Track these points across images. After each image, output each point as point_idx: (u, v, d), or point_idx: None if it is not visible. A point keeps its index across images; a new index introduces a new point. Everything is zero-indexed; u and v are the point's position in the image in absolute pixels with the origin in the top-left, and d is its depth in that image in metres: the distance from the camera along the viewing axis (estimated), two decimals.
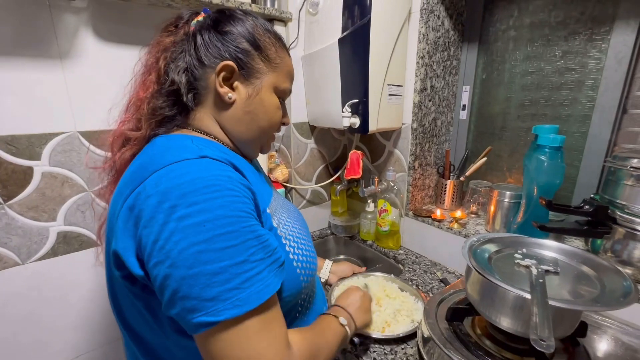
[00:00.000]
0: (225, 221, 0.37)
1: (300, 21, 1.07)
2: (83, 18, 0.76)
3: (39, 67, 0.73)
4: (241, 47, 0.50)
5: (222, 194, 0.38)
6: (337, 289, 0.86)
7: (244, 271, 0.37)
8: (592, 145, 0.86)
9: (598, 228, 0.71)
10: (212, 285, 0.35)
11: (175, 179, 0.37)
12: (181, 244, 0.35)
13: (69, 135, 0.79)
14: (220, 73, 0.49)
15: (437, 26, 1.00)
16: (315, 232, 1.32)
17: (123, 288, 0.43)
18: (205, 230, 0.35)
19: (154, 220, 0.36)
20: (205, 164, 0.40)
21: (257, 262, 0.38)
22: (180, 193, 0.36)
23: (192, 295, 0.35)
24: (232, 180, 0.40)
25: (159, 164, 0.39)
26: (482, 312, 0.56)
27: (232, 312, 0.35)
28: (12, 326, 0.80)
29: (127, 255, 0.39)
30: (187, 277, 0.35)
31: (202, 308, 0.35)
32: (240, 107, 0.51)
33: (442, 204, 1.14)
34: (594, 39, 0.83)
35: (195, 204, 0.36)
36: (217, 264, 0.35)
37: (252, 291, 0.37)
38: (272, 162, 1.19)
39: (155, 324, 0.44)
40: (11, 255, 0.77)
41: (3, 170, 0.73)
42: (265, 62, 0.52)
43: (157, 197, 0.36)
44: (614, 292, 0.47)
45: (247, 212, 0.39)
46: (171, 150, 0.42)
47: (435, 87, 1.07)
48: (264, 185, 0.56)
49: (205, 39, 0.49)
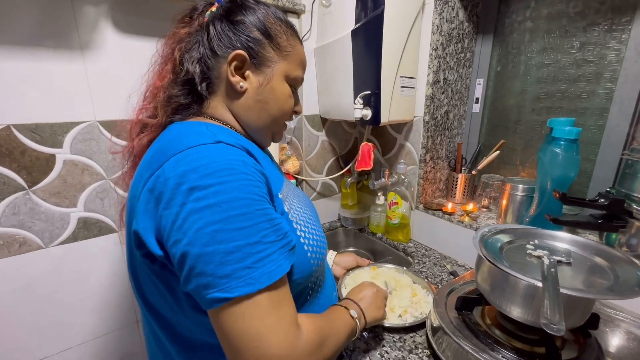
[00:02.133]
0: (240, 203, 0.38)
1: (314, 13, 1.07)
2: (103, 10, 0.79)
3: (61, 58, 0.76)
4: (252, 36, 0.50)
5: (236, 177, 0.39)
6: (347, 278, 0.88)
7: (257, 252, 0.38)
8: (610, 138, 0.85)
9: (613, 222, 0.70)
10: (227, 263, 0.37)
11: (193, 163, 0.39)
12: (198, 224, 0.37)
13: (89, 125, 0.82)
14: (232, 62, 0.50)
15: (451, 17, 0.99)
16: (325, 225, 1.33)
17: (143, 267, 0.45)
18: (221, 210, 0.37)
19: (173, 202, 0.38)
20: (221, 148, 0.41)
21: (270, 243, 0.40)
22: (197, 176, 0.38)
23: (207, 272, 0.37)
24: (246, 164, 0.41)
25: (176, 148, 0.41)
26: (492, 302, 0.56)
27: (245, 289, 0.37)
28: (34, 306, 0.84)
29: (147, 235, 0.41)
30: (203, 254, 0.37)
31: (216, 284, 0.37)
32: (251, 96, 0.52)
33: (453, 198, 1.14)
34: (614, 30, 0.81)
35: (212, 186, 0.37)
36: (232, 243, 0.37)
37: (264, 271, 0.38)
38: (284, 154, 1.20)
39: (174, 301, 0.46)
40: (35, 239, 0.80)
41: (27, 157, 0.76)
42: (276, 50, 0.52)
43: (176, 179, 0.38)
44: (628, 282, 0.47)
45: (260, 196, 0.41)
46: (187, 135, 0.43)
47: (448, 80, 1.06)
48: (276, 172, 0.57)
49: (218, 29, 0.50)
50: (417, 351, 0.66)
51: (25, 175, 0.76)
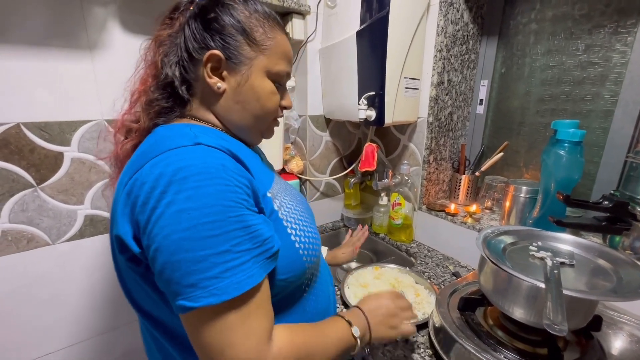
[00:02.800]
0: (211, 210, 0.37)
1: (319, 14, 1.08)
2: (111, 10, 0.80)
3: (70, 58, 0.77)
4: (226, 34, 0.48)
5: (212, 182, 0.38)
6: (350, 278, 0.88)
7: (225, 261, 0.37)
8: (614, 140, 0.85)
9: (617, 224, 0.70)
10: (192, 272, 0.36)
11: (168, 166, 0.38)
12: (166, 230, 0.36)
13: (97, 123, 0.83)
14: (207, 63, 0.48)
15: (456, 19, 0.99)
16: (327, 224, 1.34)
17: (129, 271, 0.45)
18: (189, 218, 0.36)
19: (147, 206, 0.37)
20: (200, 151, 0.40)
21: (242, 252, 0.38)
22: (170, 180, 0.37)
23: (173, 279, 0.36)
24: (225, 168, 0.40)
25: (156, 151, 0.40)
26: (495, 302, 0.57)
27: (209, 300, 0.36)
28: (40, 302, 0.85)
29: (128, 239, 0.40)
30: (170, 262, 0.36)
31: (182, 293, 0.36)
32: (231, 97, 0.50)
33: (456, 199, 1.14)
34: (620, 32, 0.81)
35: (184, 191, 0.36)
36: (199, 252, 0.36)
37: (231, 281, 0.37)
38: (288, 154, 1.21)
39: (162, 303, 0.45)
40: (43, 235, 0.82)
41: (36, 155, 0.77)
42: (252, 46, 0.49)
43: (151, 183, 0.37)
44: (631, 284, 0.47)
45: (237, 202, 0.39)
46: (169, 138, 0.43)
47: (453, 81, 1.06)
48: (265, 170, 0.55)
49: (192, 29, 0.48)
50: (420, 351, 0.66)
51: (33, 173, 0.78)
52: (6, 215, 0.77)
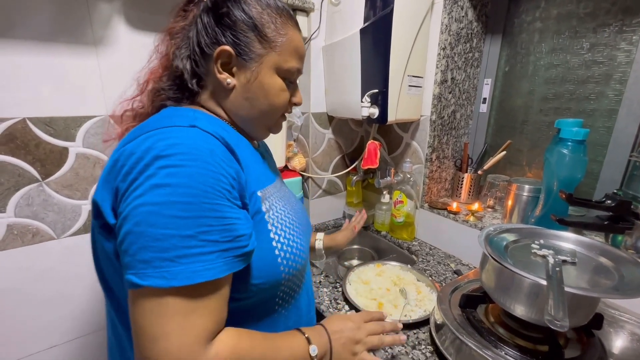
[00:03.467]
0: (186, 191, 0.36)
1: (323, 11, 1.08)
2: (116, 7, 0.80)
3: (75, 54, 0.77)
4: (237, 30, 0.47)
5: (195, 164, 0.37)
6: (352, 274, 0.88)
7: (187, 246, 0.35)
8: (618, 139, 0.84)
9: (619, 223, 0.70)
10: (149, 248, 0.35)
11: (159, 142, 0.37)
12: (137, 201, 0.36)
13: (101, 119, 0.83)
14: (218, 59, 0.48)
15: (460, 17, 0.99)
16: (330, 222, 1.34)
17: (101, 245, 0.44)
18: (163, 194, 0.35)
19: (129, 175, 0.37)
20: (193, 133, 0.40)
21: (208, 242, 0.37)
22: (156, 154, 0.37)
23: (129, 251, 0.36)
24: (213, 153, 0.39)
25: (152, 126, 0.40)
26: (496, 300, 0.57)
27: (157, 281, 0.34)
28: (45, 295, 0.86)
29: (105, 206, 0.40)
30: (131, 232, 0.35)
31: (134, 267, 0.35)
32: (240, 93, 0.50)
33: (458, 197, 1.14)
34: (625, 31, 0.81)
35: (166, 167, 0.36)
36: (161, 230, 0.35)
37: (186, 269, 0.35)
38: (290, 151, 1.21)
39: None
40: (48, 229, 0.82)
41: (42, 150, 0.78)
42: (264, 42, 0.48)
43: (138, 154, 0.37)
44: (633, 282, 0.47)
45: (217, 190, 0.38)
46: (168, 117, 0.43)
47: (456, 79, 1.06)
48: (264, 170, 0.55)
49: (205, 24, 0.48)
50: (421, 347, 0.66)
51: (39, 168, 0.78)
52: (12, 209, 0.77)
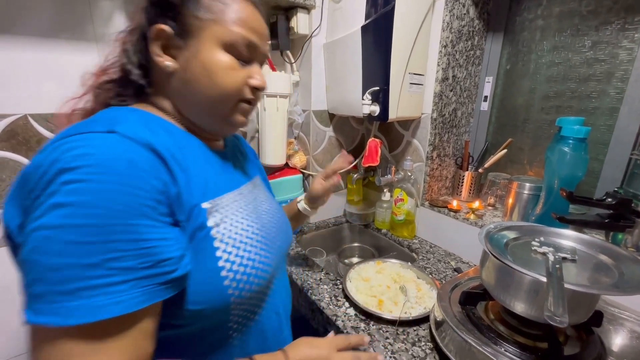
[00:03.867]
0: (91, 212, 0.30)
1: (324, 9, 1.07)
2: (117, 3, 0.80)
3: (76, 50, 0.78)
4: (170, 2, 0.42)
5: (106, 179, 0.31)
6: (352, 272, 0.89)
7: (89, 277, 0.30)
8: (619, 138, 0.84)
9: (620, 222, 0.70)
10: (42, 280, 0.29)
11: (67, 152, 0.32)
12: (35, 223, 0.30)
13: None
14: (155, 40, 0.42)
15: (462, 15, 0.99)
16: (330, 220, 1.34)
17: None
18: (62, 215, 0.30)
19: (33, 193, 0.32)
20: (109, 140, 0.34)
21: (118, 270, 0.31)
22: (61, 167, 0.31)
23: (24, 282, 0.31)
24: (131, 164, 0.33)
25: (67, 133, 0.35)
26: (496, 297, 0.57)
27: (49, 319, 0.29)
28: None
29: (12, 225, 0.35)
30: (25, 261, 0.31)
31: (28, 300, 0.30)
32: (180, 76, 0.44)
33: (459, 195, 1.14)
34: (627, 29, 0.81)
35: (69, 183, 0.30)
36: (57, 259, 0.29)
37: (86, 303, 0.29)
38: (291, 149, 1.21)
39: None
40: None
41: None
42: (200, 12, 0.42)
43: (44, 168, 0.32)
44: (633, 279, 0.47)
45: (133, 208, 0.32)
46: (91, 121, 0.37)
47: (457, 77, 1.06)
48: (224, 175, 0.48)
49: (145, 7, 0.44)
50: (420, 344, 0.67)
51: None
52: None
